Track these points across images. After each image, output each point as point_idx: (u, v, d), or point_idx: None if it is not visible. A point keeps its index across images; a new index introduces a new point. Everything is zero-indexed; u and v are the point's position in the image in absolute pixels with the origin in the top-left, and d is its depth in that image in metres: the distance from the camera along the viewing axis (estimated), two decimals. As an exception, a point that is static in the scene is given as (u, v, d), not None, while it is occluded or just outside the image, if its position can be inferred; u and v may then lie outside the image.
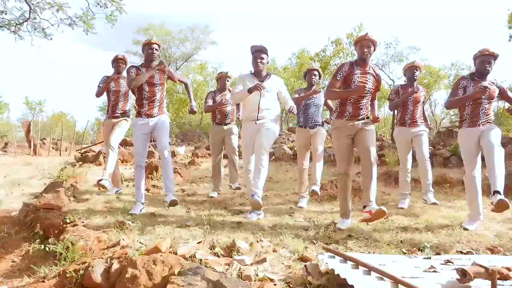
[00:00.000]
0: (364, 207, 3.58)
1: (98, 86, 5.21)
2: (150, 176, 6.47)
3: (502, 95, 3.84)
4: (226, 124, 5.51)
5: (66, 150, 15.60)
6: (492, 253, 2.93)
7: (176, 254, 2.61)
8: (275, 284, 2.18)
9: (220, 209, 4.42)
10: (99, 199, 4.78)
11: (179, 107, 23.05)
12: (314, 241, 3.16)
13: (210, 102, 5.50)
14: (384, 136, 18.10)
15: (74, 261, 2.71)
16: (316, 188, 4.74)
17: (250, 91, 3.91)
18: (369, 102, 3.85)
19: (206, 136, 25.93)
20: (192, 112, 4.58)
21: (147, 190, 5.54)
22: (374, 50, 3.74)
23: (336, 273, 2.06)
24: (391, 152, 8.19)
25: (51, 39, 8.16)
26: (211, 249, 2.78)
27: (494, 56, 3.77)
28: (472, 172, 3.78)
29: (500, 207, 3.40)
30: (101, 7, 7.83)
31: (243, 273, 2.29)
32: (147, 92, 4.26)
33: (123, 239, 2.93)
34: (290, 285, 2.20)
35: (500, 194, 3.46)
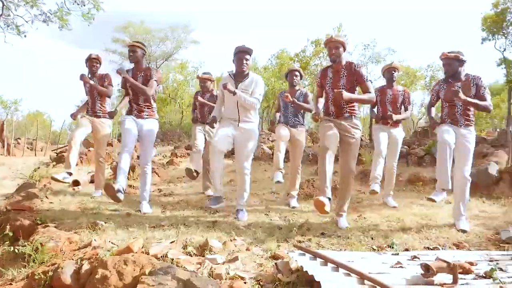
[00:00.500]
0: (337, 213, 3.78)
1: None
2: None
3: (476, 94, 3.89)
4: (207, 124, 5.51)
5: (41, 150, 15.24)
6: (458, 248, 3.03)
7: (148, 254, 2.60)
8: (245, 282, 2.20)
9: (196, 209, 4.42)
10: (73, 200, 4.70)
11: (159, 106, 22.83)
12: (287, 239, 3.19)
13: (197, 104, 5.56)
14: (363, 135, 18.40)
15: (43, 263, 2.67)
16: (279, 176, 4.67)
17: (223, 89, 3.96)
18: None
19: (187, 135, 25.78)
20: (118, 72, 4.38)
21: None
22: (344, 50, 3.79)
23: (304, 270, 2.10)
24: (367, 151, 8.33)
25: (25, 36, 7.97)
26: (184, 249, 2.78)
27: (453, 58, 3.85)
28: (445, 140, 3.76)
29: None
30: (78, 4, 7.70)
31: (214, 272, 2.31)
32: (132, 96, 4.31)
33: (94, 240, 2.90)
34: (261, 283, 2.23)
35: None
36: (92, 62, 5.13)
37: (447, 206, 4.71)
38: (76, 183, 5.74)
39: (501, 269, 2.39)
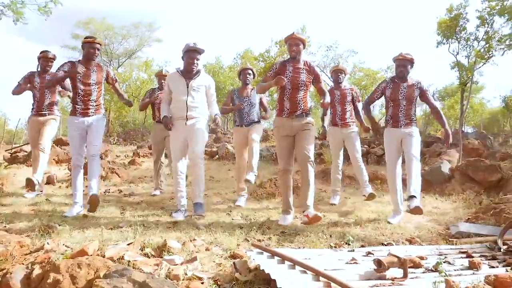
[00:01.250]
0: (303, 211, 3.74)
1: (18, 83, 4.89)
2: (85, 176, 6.18)
3: (422, 97, 4.11)
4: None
5: (-6, 150, 14.43)
6: (410, 243, 3.16)
7: (104, 256, 2.53)
8: (202, 283, 2.19)
9: (157, 210, 4.34)
10: (26, 202, 4.49)
11: (122, 105, 22.23)
12: (248, 238, 3.21)
13: (147, 100, 5.44)
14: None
15: (-10, 268, 2.53)
16: (251, 176, 4.53)
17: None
18: (307, 97, 3.96)
19: (150, 135, 25.29)
20: (128, 104, 4.54)
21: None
22: (304, 47, 3.89)
23: (261, 268, 2.12)
24: (328, 150, 8.51)
25: None
26: (142, 250, 2.72)
27: (409, 60, 4.04)
28: (393, 170, 4.03)
29: (415, 211, 3.69)
30: (33, -3, 7.36)
31: (172, 273, 2.28)
32: (82, 91, 4.08)
33: (47, 243, 2.77)
34: (218, 283, 2.22)
35: (416, 198, 3.73)
36: (49, 62, 4.95)
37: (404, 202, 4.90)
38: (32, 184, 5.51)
39: (449, 263, 2.53)
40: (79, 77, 4.04)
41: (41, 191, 5.11)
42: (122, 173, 6.81)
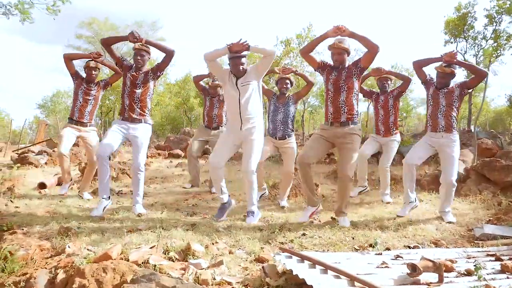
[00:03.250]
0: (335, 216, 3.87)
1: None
2: (96, 177, 6.15)
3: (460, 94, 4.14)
4: (213, 129, 5.73)
5: (1, 151, 14.45)
6: (436, 246, 3.11)
7: (128, 260, 2.48)
8: (232, 287, 2.14)
9: (173, 211, 4.31)
10: (40, 204, 4.46)
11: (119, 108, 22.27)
12: (269, 241, 3.16)
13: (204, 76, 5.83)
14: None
15: (13, 273, 2.49)
16: (285, 202, 4.86)
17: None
18: (353, 100, 3.82)
19: (155, 135, 25.27)
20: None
21: (94, 193, 5.28)
22: (348, 55, 3.86)
23: (294, 273, 2.07)
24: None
25: None
26: (165, 254, 2.68)
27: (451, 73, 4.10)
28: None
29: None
30: (41, -4, 7.33)
31: (200, 278, 2.24)
32: (128, 89, 4.16)
33: (68, 247, 2.74)
34: (248, 287, 2.18)
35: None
36: (92, 70, 4.95)
37: (419, 204, 4.84)
38: (42, 185, 5.49)
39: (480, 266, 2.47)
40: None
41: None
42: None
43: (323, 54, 16.63)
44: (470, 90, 4.16)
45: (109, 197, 4.14)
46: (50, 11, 7.79)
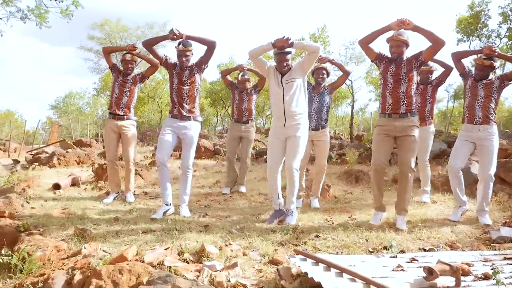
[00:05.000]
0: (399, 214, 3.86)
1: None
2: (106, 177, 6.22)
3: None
4: (243, 123, 5.71)
5: (15, 151, 14.68)
6: (451, 249, 3.07)
7: (143, 262, 2.51)
8: (248, 290, 2.15)
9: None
10: (56, 205, 4.52)
11: (137, 105, 22.44)
12: (283, 243, 3.16)
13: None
14: (342, 135, 18.63)
15: (31, 273, 2.54)
16: (316, 203, 4.87)
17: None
18: (413, 91, 3.82)
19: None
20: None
21: (107, 193, 5.33)
22: (407, 48, 3.83)
23: (309, 276, 2.07)
24: (351, 151, 8.41)
25: (1, 35, 7.64)
26: (180, 255, 2.70)
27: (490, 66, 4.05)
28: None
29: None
30: (56, 0, 7.42)
31: (215, 280, 2.25)
32: (175, 88, 4.20)
33: (84, 248, 2.78)
34: (263, 290, 2.18)
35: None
36: (128, 64, 4.99)
37: (433, 205, 4.80)
38: (56, 186, 5.56)
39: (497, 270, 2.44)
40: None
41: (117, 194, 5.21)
42: (145, 174, 6.84)
43: (332, 52, 16.54)
44: (511, 82, 4.09)
45: (170, 203, 4.15)
46: (64, 15, 7.89)
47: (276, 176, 3.91)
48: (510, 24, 13.57)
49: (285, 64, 3.84)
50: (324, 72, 4.79)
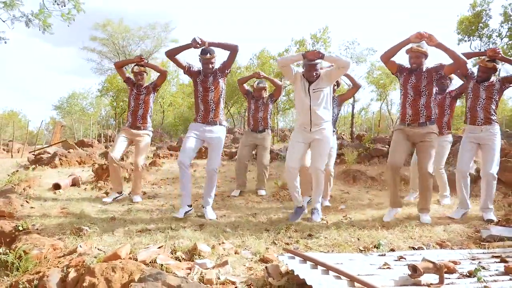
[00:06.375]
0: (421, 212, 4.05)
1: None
2: (109, 178, 6.29)
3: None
4: (259, 132, 5.71)
5: (18, 152, 14.81)
6: (441, 247, 3.11)
7: (136, 260, 2.57)
8: (236, 287, 2.20)
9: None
10: (55, 204, 4.59)
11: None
12: (275, 241, 3.21)
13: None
14: (344, 134, 18.64)
15: (27, 271, 2.60)
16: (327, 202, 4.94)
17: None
18: (432, 102, 3.97)
19: (168, 135, 25.49)
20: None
21: (106, 193, 5.40)
22: (426, 59, 3.97)
23: (295, 273, 2.12)
24: (349, 151, 8.44)
25: (5, 42, 7.70)
26: (173, 254, 2.76)
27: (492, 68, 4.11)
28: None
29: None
30: (58, 4, 7.49)
31: (205, 277, 2.30)
32: (201, 94, 4.25)
33: (80, 246, 2.84)
34: (251, 287, 2.23)
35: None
36: (137, 75, 5.05)
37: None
38: (57, 186, 5.64)
39: (483, 268, 2.47)
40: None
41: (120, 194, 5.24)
42: (144, 174, 6.89)
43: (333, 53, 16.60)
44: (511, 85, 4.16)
45: (191, 205, 4.20)
46: (65, 18, 7.97)
47: (296, 176, 4.05)
48: (511, 24, 13.55)
49: (314, 74, 3.95)
50: (335, 84, 4.85)
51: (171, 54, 4.18)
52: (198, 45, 4.03)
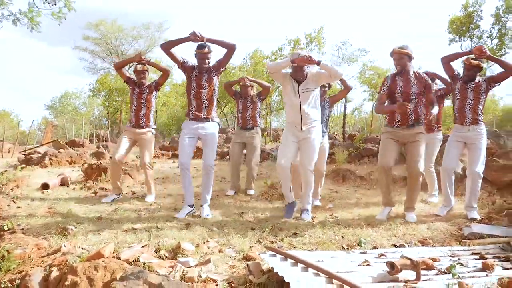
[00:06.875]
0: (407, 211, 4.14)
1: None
2: (98, 178, 6.29)
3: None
4: (248, 130, 5.73)
5: (9, 152, 14.70)
6: (423, 245, 3.15)
7: (119, 259, 2.58)
8: (216, 285, 2.22)
9: (171, 211, 4.40)
10: (42, 204, 4.58)
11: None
12: (260, 240, 3.24)
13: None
14: (336, 134, 18.72)
15: (10, 271, 2.60)
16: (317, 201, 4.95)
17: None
18: (420, 106, 4.06)
19: (161, 135, 25.44)
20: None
21: (95, 193, 5.40)
22: (410, 60, 4.05)
23: (275, 271, 2.14)
24: (340, 150, 8.50)
25: None
26: (156, 252, 2.77)
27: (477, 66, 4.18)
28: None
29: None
30: (49, 3, 7.46)
31: (186, 275, 2.32)
32: (194, 91, 4.23)
33: (64, 246, 2.84)
34: (232, 285, 2.26)
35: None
36: (140, 74, 5.02)
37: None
38: (45, 186, 5.62)
39: (461, 264, 2.52)
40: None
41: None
42: (134, 174, 6.89)
43: (326, 53, 16.61)
44: (497, 84, 4.22)
45: (193, 205, 4.24)
46: (55, 17, 7.91)
47: (288, 172, 4.07)
48: (501, 25, 13.71)
49: (301, 74, 4.00)
50: (326, 85, 4.90)
51: (167, 47, 4.14)
52: (198, 39, 4.01)
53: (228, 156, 9.81)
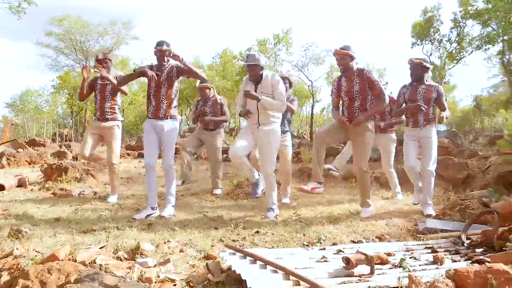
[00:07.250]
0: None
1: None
2: (58, 178, 6.09)
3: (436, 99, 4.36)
4: (210, 130, 5.71)
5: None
6: (380, 240, 3.25)
7: (75, 261, 2.51)
8: (174, 285, 2.20)
9: (132, 211, 4.32)
10: (-5, 206, 4.38)
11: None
12: (223, 239, 3.24)
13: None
14: (304, 134, 18.99)
15: (-44, 276, 2.47)
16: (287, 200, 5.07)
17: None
18: (366, 104, 4.10)
19: (128, 135, 24.90)
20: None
21: (54, 194, 5.22)
22: (352, 59, 4.08)
23: (233, 269, 2.15)
24: (306, 149, 8.63)
25: None
26: (115, 253, 2.71)
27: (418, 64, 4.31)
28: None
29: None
30: (5, -3, 7.14)
31: (144, 276, 2.28)
32: (153, 89, 4.14)
33: (16, 249, 2.73)
34: (191, 284, 2.25)
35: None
36: (101, 63, 4.87)
37: (376, 201, 5.03)
38: (0, 187, 5.38)
39: (415, 258, 2.63)
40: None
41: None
42: (97, 174, 6.72)
43: (293, 53, 16.82)
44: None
45: (156, 207, 4.16)
46: (14, 11, 7.57)
47: (238, 160, 4.05)
48: (460, 29, 14.34)
49: (254, 74, 4.02)
50: (287, 81, 4.95)
51: (121, 84, 4.54)
52: (148, 75, 4.00)
53: (195, 156, 9.75)
